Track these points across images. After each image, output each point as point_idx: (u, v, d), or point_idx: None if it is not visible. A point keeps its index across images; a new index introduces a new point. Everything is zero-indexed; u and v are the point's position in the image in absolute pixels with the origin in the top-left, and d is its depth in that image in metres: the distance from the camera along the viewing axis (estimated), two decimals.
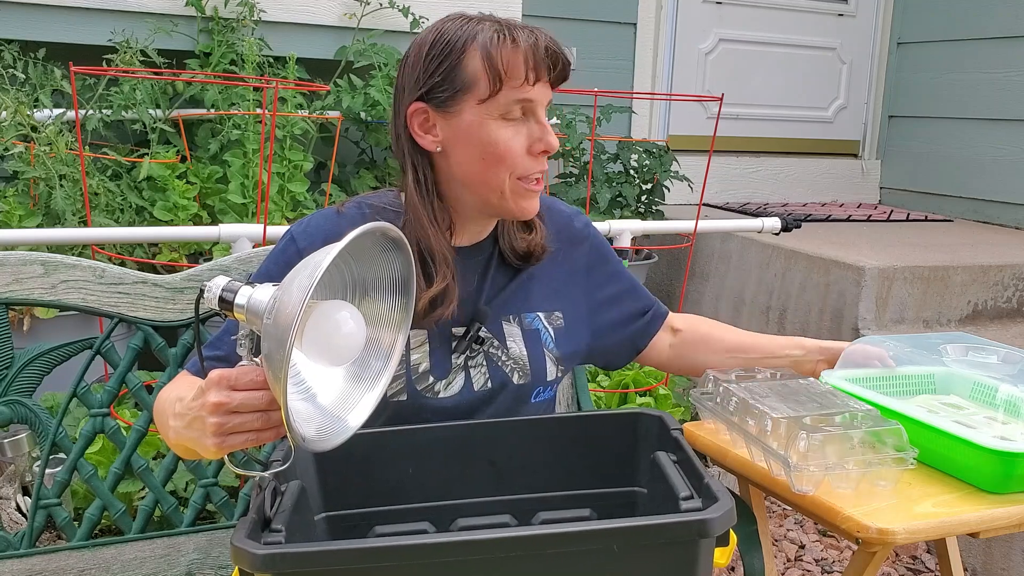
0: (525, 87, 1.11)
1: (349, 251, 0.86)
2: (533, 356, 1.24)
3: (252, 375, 0.87)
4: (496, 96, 1.10)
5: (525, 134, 1.13)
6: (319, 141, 2.82)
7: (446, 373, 1.20)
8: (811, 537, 2.46)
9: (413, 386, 1.19)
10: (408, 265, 0.94)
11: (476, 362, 1.22)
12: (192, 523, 1.41)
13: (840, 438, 1.08)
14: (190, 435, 0.93)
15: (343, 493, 1.09)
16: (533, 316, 1.26)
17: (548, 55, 1.11)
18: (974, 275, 2.81)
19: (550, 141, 1.13)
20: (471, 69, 1.10)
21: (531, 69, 1.10)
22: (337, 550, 0.82)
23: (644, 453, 1.10)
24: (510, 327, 1.24)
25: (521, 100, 1.11)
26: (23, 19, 2.55)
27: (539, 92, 1.13)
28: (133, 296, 1.36)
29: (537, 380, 1.24)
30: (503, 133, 1.12)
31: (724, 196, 3.92)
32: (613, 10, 3.62)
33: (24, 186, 2.40)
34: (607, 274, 1.36)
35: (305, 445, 0.86)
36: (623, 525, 0.85)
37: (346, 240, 0.82)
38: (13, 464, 2.17)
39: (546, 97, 1.14)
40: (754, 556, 1.27)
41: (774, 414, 1.13)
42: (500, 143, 1.12)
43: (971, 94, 3.74)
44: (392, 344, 0.96)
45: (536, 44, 1.11)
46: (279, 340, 0.79)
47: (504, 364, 1.23)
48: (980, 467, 1.11)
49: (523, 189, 1.15)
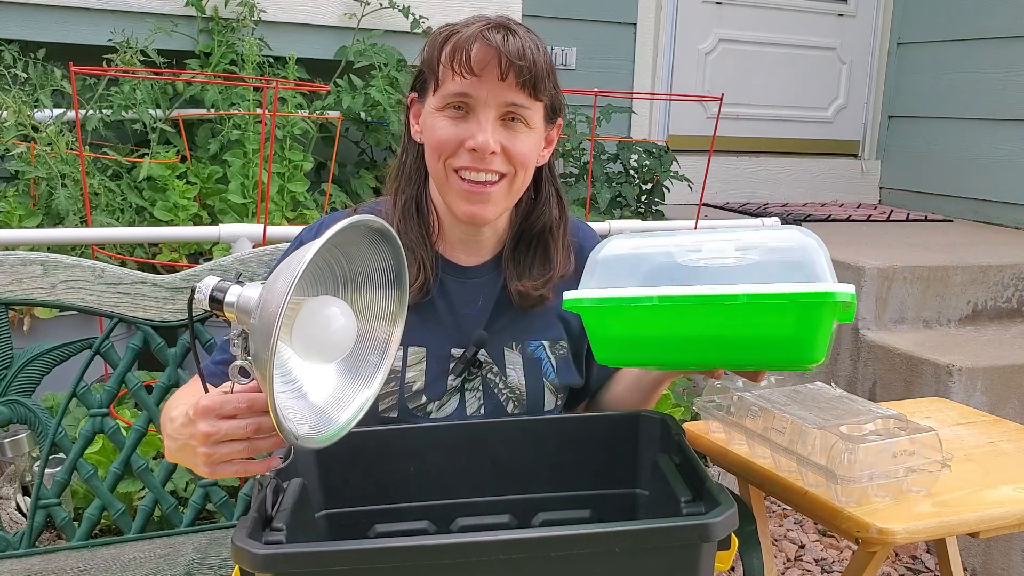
0: (459, 81, 1.10)
1: (337, 246, 0.86)
2: (531, 386, 1.22)
3: (236, 402, 0.88)
4: (440, 88, 1.13)
5: (465, 128, 1.12)
6: (319, 141, 2.82)
7: (440, 394, 1.19)
8: (811, 537, 2.46)
9: (405, 404, 1.18)
10: (399, 257, 0.94)
11: (472, 386, 1.21)
12: (192, 523, 1.41)
13: (879, 448, 1.08)
14: (183, 459, 0.96)
15: (344, 491, 1.09)
16: (537, 344, 1.24)
17: (500, 55, 1.08)
18: (974, 275, 2.81)
19: (479, 139, 1.11)
20: (431, 62, 1.14)
21: (461, 64, 1.09)
22: (337, 551, 0.82)
23: (645, 455, 1.10)
24: (511, 355, 1.22)
25: (456, 94, 1.11)
26: (23, 19, 2.55)
27: (478, 89, 1.10)
28: (133, 296, 1.36)
29: (532, 410, 1.22)
30: (441, 123, 1.13)
31: (724, 196, 3.92)
32: (613, 10, 3.62)
33: (24, 186, 2.40)
34: None
35: (299, 443, 0.86)
36: (625, 528, 0.85)
37: (329, 233, 0.82)
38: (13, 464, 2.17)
39: (496, 97, 1.11)
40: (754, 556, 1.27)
41: (807, 424, 1.12)
42: (437, 131, 1.14)
43: (971, 94, 3.74)
44: (388, 337, 0.96)
45: (482, 41, 1.09)
46: (265, 336, 0.79)
47: (500, 392, 1.21)
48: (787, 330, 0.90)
49: (462, 188, 1.13)
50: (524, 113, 1.13)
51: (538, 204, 1.24)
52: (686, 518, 0.90)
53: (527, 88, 1.11)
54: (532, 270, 1.22)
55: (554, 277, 1.22)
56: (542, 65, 1.12)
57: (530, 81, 1.11)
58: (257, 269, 1.41)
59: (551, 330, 1.25)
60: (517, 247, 1.24)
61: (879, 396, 2.59)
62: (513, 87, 1.10)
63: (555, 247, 1.23)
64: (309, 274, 0.82)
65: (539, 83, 1.11)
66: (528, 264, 1.23)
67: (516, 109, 1.12)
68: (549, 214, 1.24)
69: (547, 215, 1.24)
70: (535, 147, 1.17)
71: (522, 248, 1.24)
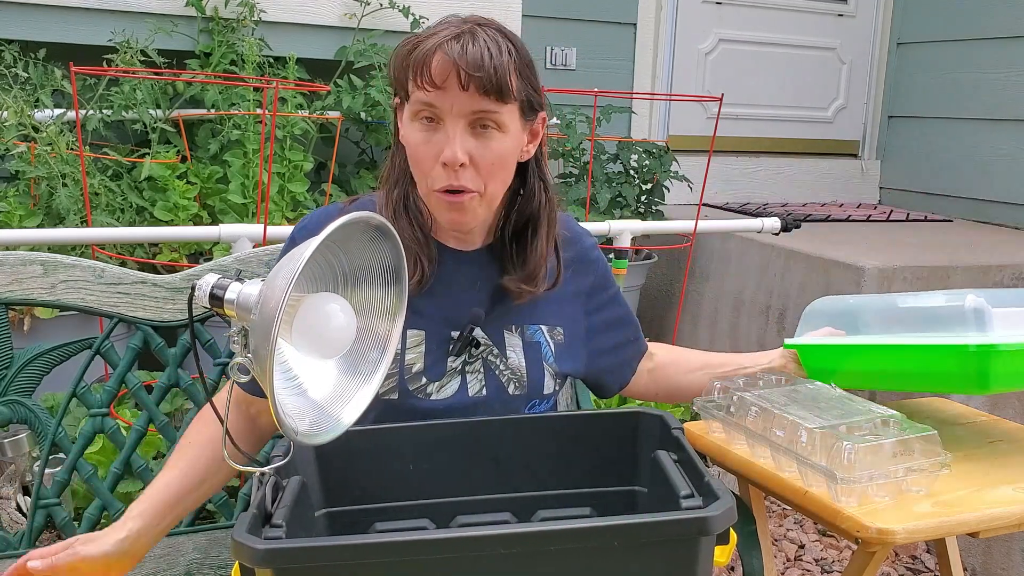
0: (423, 93, 1.10)
1: (336, 242, 0.86)
2: (531, 368, 1.23)
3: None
4: (409, 98, 1.13)
5: (435, 143, 1.12)
6: (319, 141, 2.82)
7: (440, 375, 1.20)
8: (811, 537, 2.46)
9: (405, 385, 1.19)
10: (398, 253, 0.94)
11: (473, 368, 1.22)
12: (191, 523, 1.41)
13: (879, 447, 1.08)
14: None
15: (344, 489, 1.09)
16: (536, 329, 1.25)
17: (457, 67, 1.07)
18: (974, 275, 2.81)
19: (447, 154, 1.10)
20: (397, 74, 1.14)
21: (422, 77, 1.09)
22: (337, 545, 0.82)
23: (644, 452, 1.10)
24: (511, 337, 1.24)
25: (424, 104, 1.11)
26: (23, 19, 2.56)
27: (442, 100, 1.09)
28: (133, 296, 1.36)
29: (533, 392, 1.24)
30: (416, 136, 1.13)
31: (724, 196, 3.92)
32: (613, 10, 3.62)
33: (25, 186, 2.41)
34: (607, 299, 1.35)
35: (299, 439, 0.86)
36: (624, 522, 0.85)
37: (328, 229, 0.82)
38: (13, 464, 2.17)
39: (462, 107, 1.09)
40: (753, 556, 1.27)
41: (807, 424, 1.12)
42: (413, 145, 1.14)
43: (971, 94, 3.74)
44: (388, 333, 0.96)
45: (440, 54, 1.08)
46: (265, 331, 0.79)
47: (501, 373, 1.22)
48: (961, 369, 1.17)
49: (441, 202, 1.14)
50: (494, 118, 1.11)
51: (524, 197, 1.24)
52: (685, 511, 0.91)
53: (491, 95, 1.09)
54: (516, 263, 1.23)
55: (539, 268, 1.23)
56: (505, 68, 1.09)
57: (494, 87, 1.09)
58: (257, 269, 1.42)
59: (549, 317, 1.27)
60: (504, 239, 1.25)
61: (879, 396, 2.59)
62: (477, 96, 1.09)
63: (541, 238, 1.23)
64: (308, 271, 0.82)
65: (503, 87, 1.09)
66: (512, 257, 1.23)
67: (484, 116, 1.11)
68: (534, 206, 1.23)
69: (532, 207, 1.23)
70: (510, 150, 1.15)
71: (510, 241, 1.24)
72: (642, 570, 0.85)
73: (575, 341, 1.29)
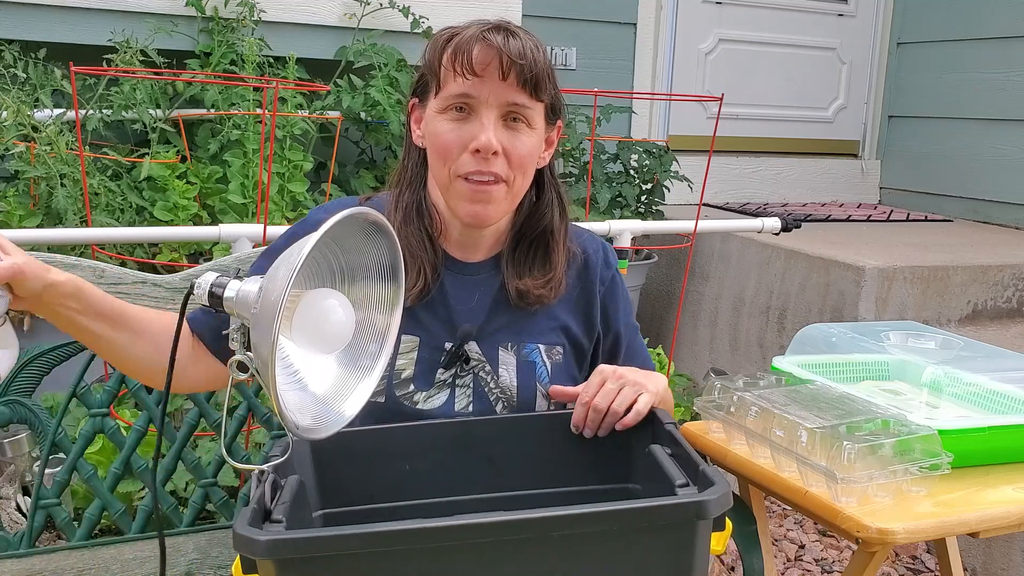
0: (460, 82, 1.11)
1: (334, 239, 0.87)
2: (523, 389, 1.21)
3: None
4: (441, 90, 1.14)
5: (467, 131, 1.13)
6: (319, 141, 2.82)
7: (428, 386, 1.19)
8: (811, 537, 2.46)
9: (392, 390, 1.18)
10: (394, 248, 0.94)
11: (463, 382, 1.21)
12: (191, 523, 1.41)
13: (880, 447, 1.08)
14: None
15: (340, 490, 1.09)
16: (532, 348, 1.23)
17: (501, 55, 1.10)
18: (974, 275, 2.81)
19: (482, 140, 1.11)
20: (433, 65, 1.15)
21: (463, 64, 1.11)
22: (340, 535, 0.82)
23: (639, 448, 1.10)
24: (506, 355, 1.22)
25: (458, 95, 1.12)
26: (23, 19, 2.55)
27: (479, 89, 1.12)
28: (133, 296, 1.36)
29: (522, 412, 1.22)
30: (444, 127, 1.14)
31: (724, 196, 3.92)
32: (613, 10, 3.62)
33: (24, 186, 2.40)
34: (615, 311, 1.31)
35: (300, 434, 0.86)
36: (622, 507, 0.87)
37: (327, 225, 0.83)
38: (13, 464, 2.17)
39: (498, 97, 1.12)
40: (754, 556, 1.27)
41: (807, 424, 1.12)
42: (440, 135, 1.14)
43: (971, 94, 3.74)
44: (386, 325, 0.97)
45: (483, 42, 1.10)
46: (266, 327, 0.79)
47: (491, 391, 1.21)
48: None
49: (466, 189, 1.14)
50: (526, 113, 1.14)
51: (540, 206, 1.25)
52: (682, 496, 0.92)
53: (528, 88, 1.12)
54: (533, 270, 1.23)
55: (555, 279, 1.22)
56: (542, 65, 1.13)
57: (531, 81, 1.12)
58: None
59: (548, 335, 1.24)
60: (517, 247, 1.24)
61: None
62: (514, 87, 1.12)
63: (556, 249, 1.24)
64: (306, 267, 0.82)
65: (540, 83, 1.13)
66: (529, 265, 1.23)
67: (518, 109, 1.13)
68: (551, 216, 1.25)
69: (548, 217, 1.24)
70: (536, 148, 1.18)
71: (522, 249, 1.24)
72: (640, 555, 0.86)
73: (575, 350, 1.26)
